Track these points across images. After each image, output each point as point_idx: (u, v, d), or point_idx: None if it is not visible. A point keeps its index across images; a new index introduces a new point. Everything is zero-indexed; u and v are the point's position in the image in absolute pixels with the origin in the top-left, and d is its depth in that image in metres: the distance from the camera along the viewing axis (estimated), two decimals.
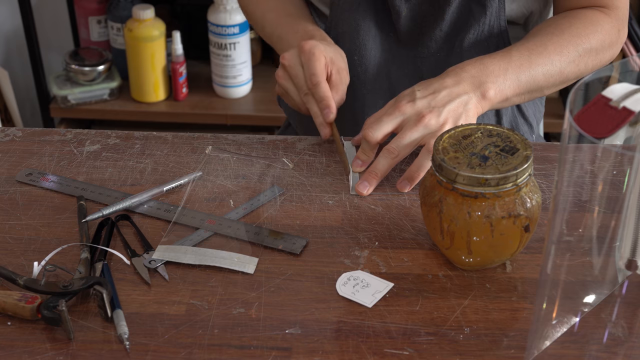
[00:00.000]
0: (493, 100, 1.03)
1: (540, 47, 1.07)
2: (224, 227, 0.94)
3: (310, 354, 0.79)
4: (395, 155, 0.99)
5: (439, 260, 0.90)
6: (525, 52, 1.06)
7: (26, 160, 1.06)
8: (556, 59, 1.07)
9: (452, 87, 1.01)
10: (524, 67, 1.05)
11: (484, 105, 1.03)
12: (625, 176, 0.72)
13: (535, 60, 1.06)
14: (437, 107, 0.99)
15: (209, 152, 1.07)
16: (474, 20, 1.14)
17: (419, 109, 0.99)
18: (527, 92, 1.07)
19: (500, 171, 0.83)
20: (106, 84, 2.31)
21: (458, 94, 1.01)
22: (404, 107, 0.99)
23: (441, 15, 1.14)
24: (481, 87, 1.02)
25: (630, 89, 0.71)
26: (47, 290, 0.83)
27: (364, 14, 1.16)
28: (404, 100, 1.00)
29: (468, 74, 1.03)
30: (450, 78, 1.02)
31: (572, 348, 0.78)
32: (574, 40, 1.08)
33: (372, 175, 0.99)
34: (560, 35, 1.08)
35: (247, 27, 2.25)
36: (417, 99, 1.00)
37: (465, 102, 1.01)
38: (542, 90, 1.09)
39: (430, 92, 1.00)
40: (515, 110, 1.23)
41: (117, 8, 2.32)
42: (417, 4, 1.14)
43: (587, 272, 0.78)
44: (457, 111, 1.00)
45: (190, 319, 0.83)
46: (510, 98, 1.06)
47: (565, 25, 1.10)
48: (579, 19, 1.11)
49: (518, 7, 1.17)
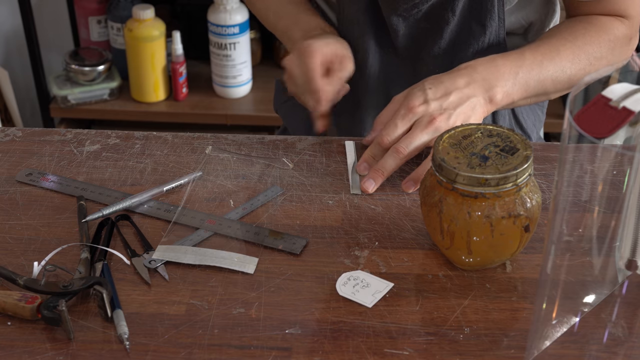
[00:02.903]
0: (499, 104, 1.03)
1: (553, 52, 1.07)
2: (224, 227, 0.94)
3: (310, 354, 0.79)
4: (403, 156, 0.99)
5: (439, 260, 0.90)
6: (539, 57, 1.06)
7: (26, 160, 1.06)
8: (567, 66, 1.07)
9: (463, 88, 1.01)
10: (535, 72, 1.05)
11: (490, 108, 1.03)
12: (625, 176, 0.72)
13: (547, 66, 1.06)
14: (448, 109, 0.99)
15: (209, 152, 1.07)
16: (473, 39, 1.13)
17: (432, 111, 0.99)
18: (534, 96, 1.07)
19: (500, 171, 0.83)
20: (106, 84, 2.31)
21: (468, 96, 1.01)
22: (417, 109, 0.99)
23: (439, 34, 1.14)
24: (490, 90, 1.02)
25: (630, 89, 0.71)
26: (47, 290, 0.83)
27: (364, 30, 1.16)
28: (417, 100, 1.00)
29: (480, 76, 1.02)
30: (462, 78, 1.02)
31: (572, 348, 0.78)
32: (586, 48, 1.08)
33: (378, 173, 0.99)
34: (574, 41, 1.08)
35: (247, 27, 2.25)
36: (430, 100, 1.00)
37: (473, 105, 1.01)
38: (549, 95, 1.09)
39: (443, 93, 1.00)
40: (512, 121, 1.23)
41: (117, 8, 2.32)
42: (415, 22, 1.13)
43: (587, 272, 0.78)
44: (466, 114, 1.00)
45: (190, 319, 0.83)
46: (516, 101, 1.06)
47: (580, 31, 1.09)
48: (594, 25, 1.10)
49: (516, 19, 1.16)
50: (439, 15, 1.11)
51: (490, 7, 1.10)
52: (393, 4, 1.11)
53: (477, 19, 1.12)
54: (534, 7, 1.16)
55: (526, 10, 1.16)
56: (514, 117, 1.23)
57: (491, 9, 1.10)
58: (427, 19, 1.13)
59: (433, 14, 1.12)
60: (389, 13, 1.13)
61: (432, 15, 1.12)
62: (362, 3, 1.14)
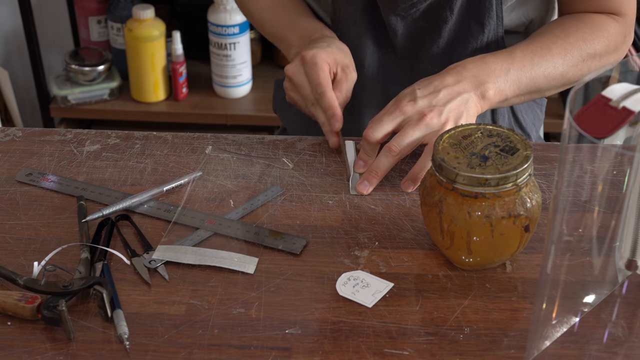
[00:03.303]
0: (492, 100, 1.03)
1: (544, 50, 1.06)
2: (224, 227, 0.94)
3: (310, 354, 0.79)
4: (395, 154, 0.98)
5: (439, 260, 0.90)
6: (529, 54, 1.06)
7: (26, 160, 1.06)
8: (559, 62, 1.07)
9: (453, 85, 1.01)
10: (526, 69, 1.05)
11: (483, 105, 1.03)
12: (625, 176, 0.72)
13: (538, 63, 1.06)
14: (438, 105, 0.99)
15: (209, 152, 1.07)
16: (471, 38, 1.13)
17: (420, 108, 0.99)
18: (527, 94, 1.07)
19: (500, 171, 0.83)
20: (106, 84, 2.31)
21: (459, 93, 1.00)
22: (405, 107, 0.99)
23: (438, 33, 1.13)
24: (481, 86, 1.02)
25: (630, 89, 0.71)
26: (47, 290, 0.83)
27: (362, 30, 1.16)
28: (405, 99, 1.00)
29: (469, 73, 1.02)
30: (451, 76, 1.02)
31: (572, 348, 0.78)
32: (578, 45, 1.08)
33: (372, 174, 0.99)
34: (566, 38, 1.08)
35: (247, 27, 2.25)
36: (418, 98, 1.00)
37: (465, 101, 1.00)
38: (543, 92, 1.09)
39: (431, 91, 1.00)
40: (512, 119, 1.23)
41: (117, 8, 2.32)
42: (413, 21, 1.13)
43: (587, 272, 0.78)
44: (458, 110, 1.00)
45: (190, 319, 0.83)
46: (509, 99, 1.05)
47: (572, 28, 1.09)
48: (586, 22, 1.10)
49: (517, 16, 1.16)
50: (437, 14, 1.12)
51: (489, 5, 1.10)
52: (391, 4, 1.11)
53: (475, 17, 1.12)
54: (535, 4, 1.16)
55: (527, 6, 1.16)
56: (513, 116, 1.23)
57: (489, 7, 1.10)
58: (425, 18, 1.13)
59: (431, 13, 1.12)
60: (388, 13, 1.13)
61: (430, 15, 1.12)
62: (360, 3, 1.14)
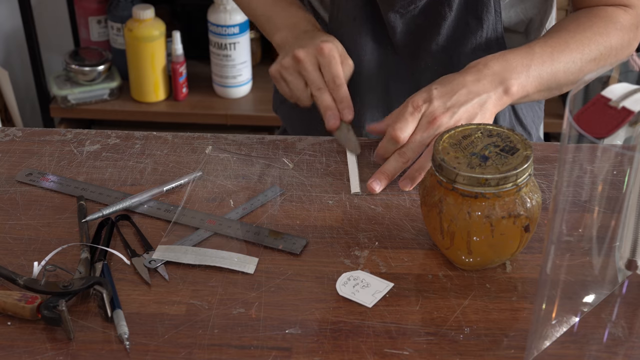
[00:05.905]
0: (515, 96, 1.03)
1: (563, 45, 1.07)
2: (224, 227, 0.94)
3: (310, 354, 0.79)
4: (406, 160, 0.99)
5: (439, 260, 0.90)
6: (548, 49, 1.06)
7: (26, 160, 1.06)
8: (577, 57, 1.07)
9: (471, 85, 1.01)
10: (547, 64, 1.05)
11: (505, 101, 1.02)
12: (625, 176, 0.72)
13: (558, 58, 1.06)
14: (452, 107, 0.99)
15: (209, 152, 1.07)
16: (470, 34, 1.14)
17: (433, 110, 0.99)
18: (547, 90, 1.07)
19: (500, 171, 0.83)
20: (106, 84, 2.31)
21: (477, 93, 1.00)
22: (421, 108, 1.00)
23: (437, 30, 1.14)
24: (504, 83, 1.02)
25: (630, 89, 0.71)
26: (47, 290, 0.83)
27: (361, 27, 1.16)
28: (421, 99, 1.00)
29: (490, 71, 1.02)
30: (471, 75, 1.02)
31: (572, 348, 0.78)
32: (595, 39, 1.08)
33: (383, 175, 1.00)
34: (582, 33, 1.08)
35: (247, 27, 2.25)
36: (434, 98, 1.00)
37: (482, 102, 1.00)
38: (561, 88, 1.09)
39: (448, 91, 1.00)
40: (513, 117, 1.23)
41: (117, 8, 2.32)
42: (412, 18, 1.14)
43: (587, 272, 0.78)
44: (472, 111, 0.99)
45: (190, 319, 0.83)
46: (530, 94, 1.05)
47: (587, 23, 1.09)
48: (600, 17, 1.10)
49: (516, 14, 1.16)
50: (436, 10, 1.12)
51: (487, 0, 1.11)
52: (390, 1, 1.12)
53: (473, 13, 1.12)
54: (533, 2, 1.16)
55: (525, 4, 1.16)
56: (514, 114, 1.23)
57: (487, 2, 1.11)
58: (424, 15, 1.13)
59: (430, 10, 1.12)
60: (386, 10, 1.13)
61: (429, 11, 1.12)
62: (358, 0, 1.14)
